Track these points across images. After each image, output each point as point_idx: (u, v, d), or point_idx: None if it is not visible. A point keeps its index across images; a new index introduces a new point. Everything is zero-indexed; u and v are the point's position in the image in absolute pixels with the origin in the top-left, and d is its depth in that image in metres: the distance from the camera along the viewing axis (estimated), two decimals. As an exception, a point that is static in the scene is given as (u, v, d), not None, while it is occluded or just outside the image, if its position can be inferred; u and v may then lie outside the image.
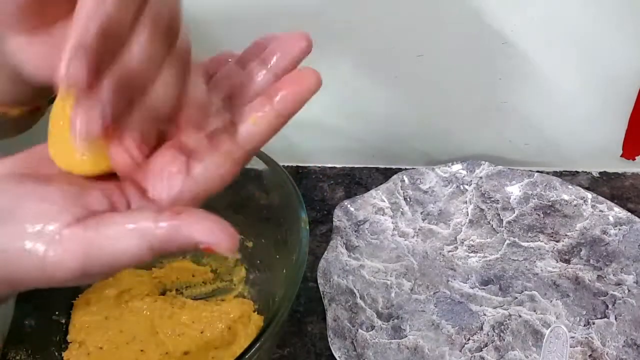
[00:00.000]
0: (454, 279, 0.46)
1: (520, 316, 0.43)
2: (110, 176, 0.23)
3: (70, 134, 0.20)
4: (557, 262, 0.47)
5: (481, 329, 0.43)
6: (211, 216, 0.20)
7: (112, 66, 0.20)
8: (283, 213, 0.39)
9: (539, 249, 0.48)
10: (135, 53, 0.20)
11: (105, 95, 0.19)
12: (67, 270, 0.20)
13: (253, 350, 0.30)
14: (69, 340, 0.41)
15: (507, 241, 0.48)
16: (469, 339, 0.42)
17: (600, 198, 0.49)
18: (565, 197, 0.50)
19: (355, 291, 0.45)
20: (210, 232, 0.20)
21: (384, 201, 0.51)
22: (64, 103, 0.23)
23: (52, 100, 0.28)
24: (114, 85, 0.20)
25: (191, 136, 0.23)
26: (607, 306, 0.43)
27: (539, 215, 0.50)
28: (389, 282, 0.46)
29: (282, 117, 0.24)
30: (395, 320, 0.44)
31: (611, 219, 0.48)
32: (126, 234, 0.20)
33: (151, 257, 0.20)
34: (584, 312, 0.43)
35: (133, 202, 0.22)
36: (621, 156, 0.55)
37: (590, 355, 0.40)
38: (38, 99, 0.29)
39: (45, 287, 0.21)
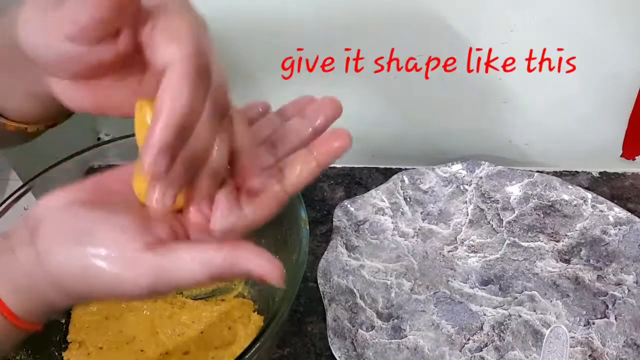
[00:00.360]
0: (454, 279, 0.46)
1: (520, 316, 0.43)
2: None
3: (147, 203, 0.24)
4: (557, 262, 0.47)
5: (481, 329, 0.43)
6: (263, 251, 0.24)
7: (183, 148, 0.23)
8: (283, 213, 0.39)
9: (539, 249, 0.48)
10: (201, 134, 0.23)
11: (177, 174, 0.23)
12: (139, 288, 0.23)
13: (253, 350, 0.30)
14: (69, 340, 0.41)
15: (507, 241, 0.48)
16: (469, 339, 0.42)
17: (600, 198, 0.49)
18: (565, 197, 0.50)
19: (355, 291, 0.45)
20: (264, 265, 0.23)
21: (384, 201, 0.51)
22: None
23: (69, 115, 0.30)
24: (184, 165, 0.23)
25: (246, 179, 0.27)
26: (607, 306, 0.43)
27: (539, 215, 0.50)
28: (389, 282, 0.46)
29: (321, 167, 0.28)
30: (395, 320, 0.44)
31: (611, 219, 0.48)
32: (192, 261, 0.23)
33: (210, 283, 0.24)
34: (584, 312, 0.43)
35: (191, 231, 0.26)
36: (621, 156, 0.55)
37: (590, 355, 0.40)
38: (60, 118, 0.32)
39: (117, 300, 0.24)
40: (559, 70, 0.49)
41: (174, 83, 0.21)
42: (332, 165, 0.59)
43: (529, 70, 0.50)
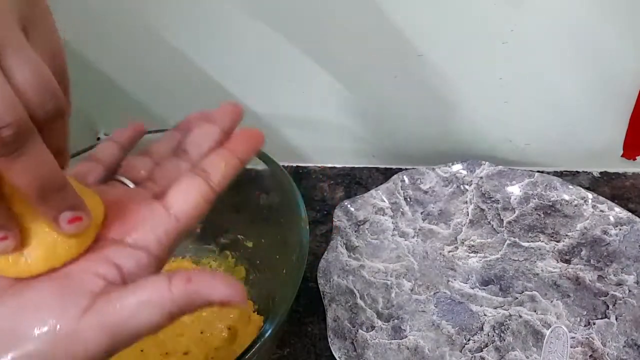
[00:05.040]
0: (454, 279, 0.46)
1: (520, 316, 0.43)
2: (84, 254, 0.23)
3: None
4: (558, 262, 0.47)
5: (481, 329, 0.43)
6: (219, 276, 0.22)
7: None
8: (283, 213, 0.39)
9: (540, 249, 0.47)
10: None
11: None
12: (97, 357, 0.20)
13: (253, 350, 0.30)
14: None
15: (508, 241, 0.48)
16: (469, 340, 0.42)
17: (601, 198, 0.49)
18: (566, 197, 0.50)
19: (356, 291, 0.45)
20: (225, 291, 0.21)
21: (384, 201, 0.51)
22: None
23: None
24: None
25: (166, 187, 0.25)
26: (607, 306, 0.43)
27: (539, 215, 0.50)
28: (389, 283, 0.46)
29: (243, 163, 0.27)
30: (396, 321, 0.44)
31: (612, 219, 0.48)
32: (145, 307, 0.20)
33: (173, 322, 0.21)
34: (585, 313, 0.43)
35: (123, 264, 0.23)
36: (622, 156, 0.55)
37: (590, 356, 0.40)
38: None
39: None
40: (559, 70, 0.49)
41: None
42: (332, 165, 0.59)
43: (529, 70, 0.49)
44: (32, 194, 0.20)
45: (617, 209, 0.48)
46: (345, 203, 0.51)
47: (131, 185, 0.28)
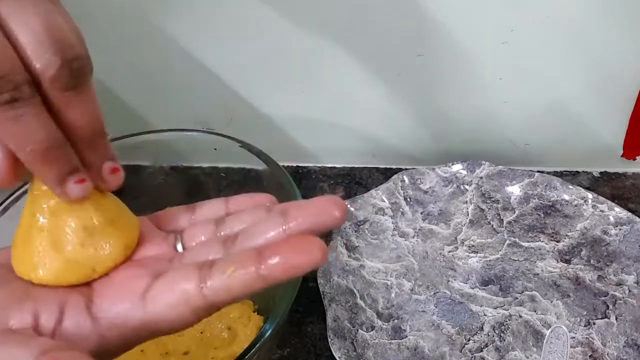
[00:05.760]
0: (454, 279, 0.46)
1: (520, 316, 0.43)
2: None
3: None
4: (558, 262, 0.47)
5: (481, 329, 0.43)
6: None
7: None
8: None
9: (540, 249, 0.47)
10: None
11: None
12: None
13: (253, 350, 0.30)
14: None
15: (508, 241, 0.48)
16: (469, 340, 0.42)
17: (601, 198, 0.49)
18: (566, 197, 0.50)
19: (356, 291, 0.45)
20: None
21: (384, 201, 0.51)
22: (31, 219, 0.23)
23: None
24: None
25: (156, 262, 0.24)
26: (607, 306, 0.43)
27: (539, 215, 0.50)
28: (389, 283, 0.46)
29: (263, 281, 0.20)
30: (396, 321, 0.44)
31: (612, 219, 0.48)
32: None
33: None
34: (585, 313, 0.43)
35: (69, 317, 0.21)
36: (622, 156, 0.55)
37: (590, 356, 0.40)
38: None
39: None
40: (559, 70, 0.49)
41: None
42: (332, 165, 0.59)
43: (529, 70, 0.49)
44: (86, 134, 0.21)
45: (617, 209, 0.48)
46: (346, 203, 0.51)
47: (179, 250, 0.25)
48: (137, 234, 0.25)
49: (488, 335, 0.42)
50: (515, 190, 0.51)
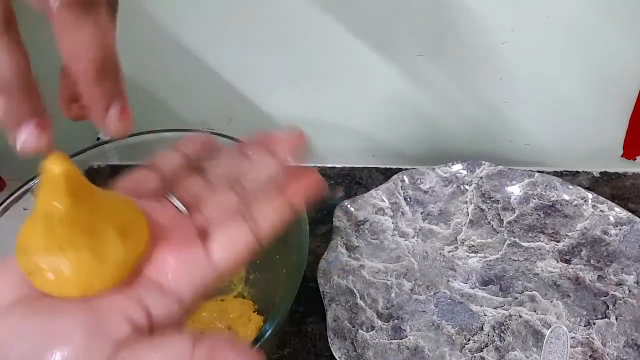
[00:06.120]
0: (454, 279, 0.46)
1: (520, 316, 0.43)
2: (119, 286, 0.22)
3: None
4: (558, 262, 0.47)
5: (481, 329, 0.43)
6: (240, 348, 0.20)
7: None
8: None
9: (540, 249, 0.47)
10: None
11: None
12: None
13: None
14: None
15: (508, 241, 0.48)
16: (469, 340, 0.42)
17: (601, 198, 0.49)
18: (566, 197, 0.50)
19: (355, 291, 0.45)
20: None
21: (384, 201, 0.51)
22: (33, 223, 0.21)
23: None
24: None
25: (211, 222, 0.24)
26: (607, 306, 0.43)
27: (539, 215, 0.50)
28: (389, 283, 0.46)
29: (295, 213, 0.25)
30: (396, 321, 0.44)
31: (612, 219, 0.48)
32: None
33: None
34: (585, 313, 0.43)
35: (154, 310, 0.21)
36: (622, 156, 0.55)
37: (590, 356, 0.40)
38: None
39: None
40: (559, 70, 0.49)
41: None
42: (332, 165, 0.59)
43: (529, 70, 0.49)
44: (94, 66, 0.20)
45: (617, 208, 0.48)
46: (345, 203, 0.51)
47: (183, 210, 0.25)
48: (145, 243, 0.23)
49: (488, 335, 0.42)
50: (515, 190, 0.51)
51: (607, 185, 0.54)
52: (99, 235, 0.22)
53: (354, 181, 0.57)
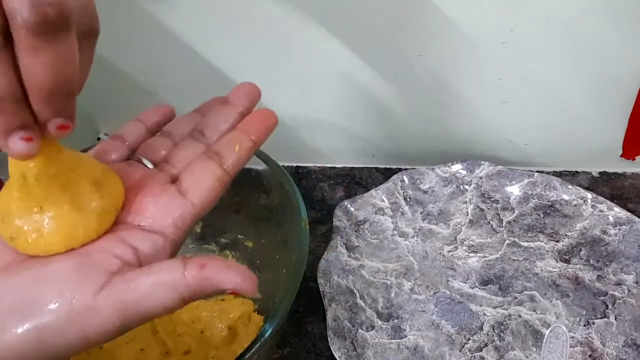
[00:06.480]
0: (454, 279, 0.46)
1: (520, 316, 0.43)
2: (101, 236, 0.24)
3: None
4: (557, 262, 0.47)
5: (481, 329, 0.43)
6: (232, 264, 0.22)
7: None
8: (283, 213, 0.39)
9: (539, 249, 0.48)
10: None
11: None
12: (108, 334, 0.21)
13: (253, 350, 0.30)
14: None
15: (507, 241, 0.48)
16: (468, 339, 0.42)
17: (600, 198, 0.49)
18: (565, 197, 0.50)
19: (355, 291, 0.45)
20: (236, 280, 0.22)
21: (384, 201, 0.51)
22: (10, 188, 0.22)
23: None
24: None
25: (181, 170, 0.27)
26: (607, 306, 0.43)
27: (538, 215, 0.50)
28: (388, 282, 0.46)
29: (256, 145, 0.28)
30: (395, 320, 0.44)
31: (611, 219, 0.48)
32: (159, 289, 0.21)
33: (183, 306, 0.22)
34: (584, 312, 0.43)
35: (140, 247, 0.23)
36: (621, 156, 0.55)
37: (590, 355, 0.40)
38: None
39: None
40: (558, 70, 0.49)
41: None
42: (332, 165, 0.59)
43: (529, 70, 0.50)
44: (42, 91, 0.19)
45: (617, 208, 0.48)
46: (345, 203, 0.51)
47: (150, 166, 0.28)
48: (122, 195, 0.25)
49: (487, 334, 0.42)
50: (514, 190, 0.51)
51: (607, 185, 0.54)
52: (76, 189, 0.23)
53: (354, 181, 0.57)
